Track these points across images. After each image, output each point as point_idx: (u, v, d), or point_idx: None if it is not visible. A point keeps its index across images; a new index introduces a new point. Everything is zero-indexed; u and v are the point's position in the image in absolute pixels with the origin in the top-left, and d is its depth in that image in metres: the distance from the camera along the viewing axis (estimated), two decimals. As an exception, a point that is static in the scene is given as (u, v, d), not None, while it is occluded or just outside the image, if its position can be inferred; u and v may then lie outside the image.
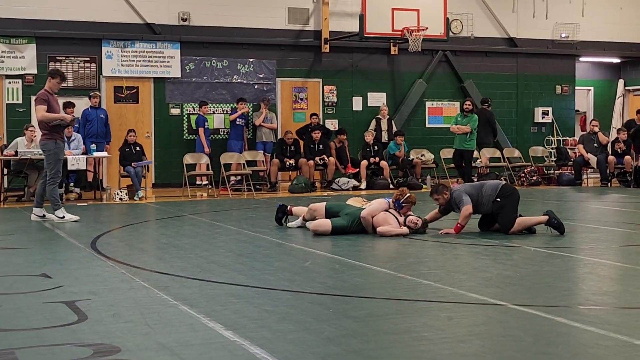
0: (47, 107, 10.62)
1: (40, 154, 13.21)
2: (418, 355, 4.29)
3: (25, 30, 16.08)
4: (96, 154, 14.77)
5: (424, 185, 16.66)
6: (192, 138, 17.09)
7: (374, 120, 18.15)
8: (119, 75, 16.82)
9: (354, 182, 16.60)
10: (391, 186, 16.46)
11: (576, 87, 21.14)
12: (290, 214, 10.07)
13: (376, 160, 17.07)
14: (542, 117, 20.37)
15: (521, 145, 19.56)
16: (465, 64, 19.65)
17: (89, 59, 16.61)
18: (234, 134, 17.01)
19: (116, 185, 15.35)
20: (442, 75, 19.54)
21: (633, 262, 7.35)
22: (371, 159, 17.04)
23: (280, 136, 17.49)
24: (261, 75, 17.96)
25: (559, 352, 4.29)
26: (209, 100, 17.31)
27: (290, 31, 18.07)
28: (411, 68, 19.13)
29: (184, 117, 17.37)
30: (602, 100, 22.55)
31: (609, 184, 17.16)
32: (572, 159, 18.27)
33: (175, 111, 17.32)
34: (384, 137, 17.86)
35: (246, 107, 17.14)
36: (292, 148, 17.03)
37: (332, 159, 16.90)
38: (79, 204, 13.44)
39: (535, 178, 17.70)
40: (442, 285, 6.15)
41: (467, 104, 16.40)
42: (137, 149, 15.21)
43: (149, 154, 16.45)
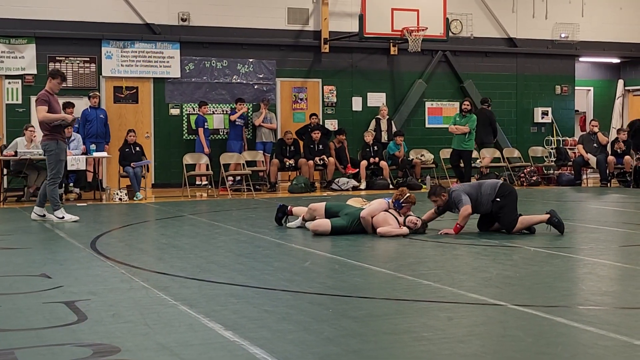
0: (48, 107, 10.62)
1: (40, 154, 13.26)
2: (418, 355, 4.29)
3: (24, 30, 16.07)
4: (96, 154, 14.76)
5: (424, 186, 16.66)
6: (192, 138, 17.09)
7: (373, 121, 18.14)
8: (118, 75, 16.82)
9: (353, 183, 16.60)
10: (391, 186, 16.46)
11: (576, 87, 21.13)
12: (290, 214, 10.07)
13: (376, 160, 17.07)
14: (542, 117, 20.37)
15: (521, 146, 19.55)
16: (464, 64, 19.65)
17: (88, 59, 16.61)
18: (233, 134, 17.01)
19: (116, 185, 15.35)
20: (441, 76, 19.54)
21: (633, 262, 7.35)
22: (371, 159, 17.04)
23: (280, 136, 17.49)
24: (261, 76, 17.95)
25: (558, 352, 4.29)
26: (208, 101, 17.31)
27: (290, 31, 18.07)
28: (411, 68, 19.13)
29: (184, 117, 17.37)
30: (601, 100, 22.55)
31: (608, 184, 17.16)
32: (572, 159, 18.27)
33: (174, 111, 17.32)
34: (384, 137, 17.86)
35: (245, 107, 17.14)
36: (291, 148, 17.02)
37: (331, 159, 16.90)
38: (78, 204, 13.44)
39: (534, 178, 17.70)
40: (442, 285, 6.16)
41: (465, 104, 16.40)
42: (137, 149, 15.20)
43: (149, 154, 16.44)
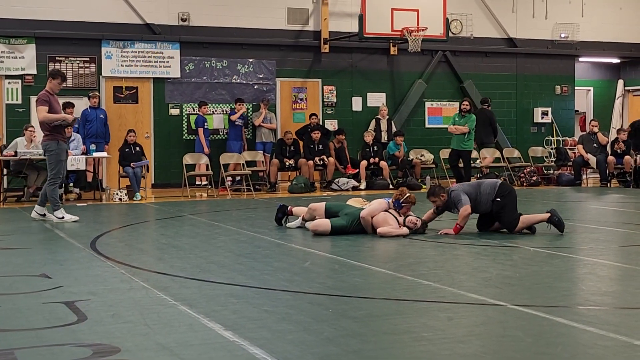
0: (48, 107, 10.62)
1: (40, 155, 13.26)
2: (417, 355, 4.29)
3: (24, 30, 16.07)
4: (96, 154, 14.76)
5: (424, 186, 16.65)
6: (192, 138, 17.09)
7: (373, 121, 18.14)
8: (118, 75, 16.81)
9: (353, 183, 16.59)
10: (391, 186, 16.46)
11: (576, 88, 21.13)
12: (290, 215, 10.07)
13: (376, 160, 17.07)
14: (542, 118, 20.37)
15: (521, 146, 19.54)
16: (464, 64, 19.65)
17: (88, 59, 16.60)
18: (233, 134, 17.00)
19: (116, 185, 15.35)
20: (441, 76, 19.53)
21: (632, 263, 7.35)
22: (371, 159, 17.04)
23: (280, 136, 17.49)
24: (261, 76, 17.95)
25: (558, 353, 4.29)
26: (208, 101, 17.31)
27: (290, 31, 18.06)
28: (411, 68, 19.13)
29: (184, 118, 17.36)
30: (601, 100, 22.55)
31: (608, 184, 17.16)
32: (572, 159, 18.27)
33: (174, 111, 17.32)
34: (384, 137, 17.86)
35: (244, 107, 17.13)
36: (291, 148, 17.02)
37: (331, 159, 16.90)
38: (78, 204, 13.44)
39: (534, 178, 17.69)
40: (442, 285, 6.15)
41: (464, 104, 16.37)
42: (137, 149, 15.21)
43: (149, 154, 16.44)
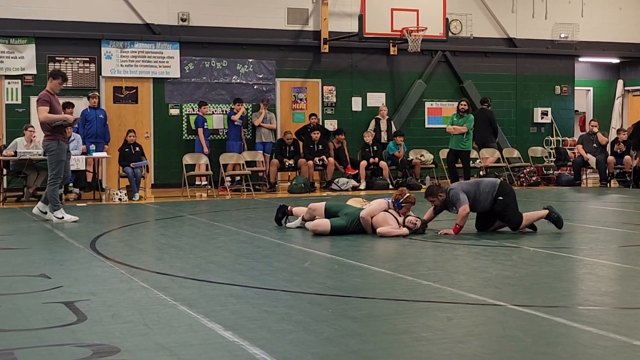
0: (49, 108, 10.61)
1: (40, 155, 13.28)
2: (417, 355, 4.29)
3: (24, 30, 16.07)
4: (95, 154, 14.76)
5: (423, 186, 16.60)
6: (192, 138, 17.08)
7: (373, 121, 18.14)
8: (118, 75, 16.81)
9: (353, 183, 16.59)
10: (390, 186, 16.46)
11: (575, 88, 21.14)
12: (290, 215, 10.06)
13: (375, 160, 17.07)
14: (542, 118, 20.37)
15: (520, 146, 19.54)
16: (464, 64, 19.65)
17: (88, 59, 16.60)
18: (232, 135, 16.99)
19: (115, 185, 15.34)
20: (441, 76, 19.54)
21: (632, 263, 7.35)
22: (370, 160, 17.04)
23: (280, 136, 17.49)
24: (260, 76, 17.95)
25: (558, 353, 4.29)
26: (208, 101, 17.31)
27: (290, 31, 18.07)
28: (410, 68, 19.13)
29: (183, 118, 17.36)
30: (601, 100, 22.55)
31: (608, 185, 17.16)
32: (572, 160, 18.27)
33: (174, 111, 17.31)
34: (383, 137, 17.86)
35: (243, 107, 17.11)
36: (291, 148, 17.02)
37: (331, 160, 16.90)
38: (78, 205, 13.43)
39: (534, 178, 17.69)
40: (441, 285, 6.15)
41: (462, 104, 16.34)
42: (137, 149, 15.21)
43: (148, 154, 16.44)
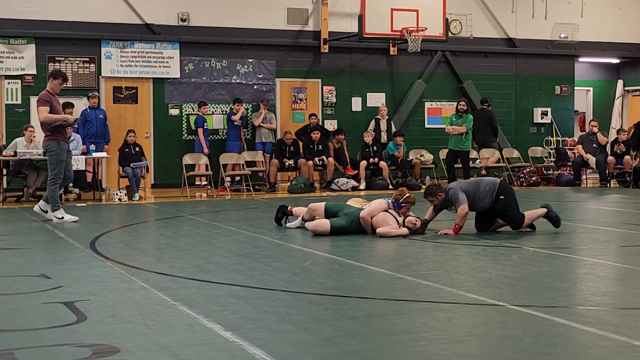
0: (49, 108, 10.61)
1: (40, 155, 13.28)
2: (417, 355, 4.29)
3: (24, 30, 16.07)
4: (95, 155, 14.76)
5: (423, 186, 16.60)
6: (191, 138, 17.08)
7: (373, 121, 18.14)
8: (118, 75, 16.81)
9: (353, 183, 16.59)
10: (390, 187, 16.46)
11: (575, 88, 21.14)
12: (290, 215, 10.06)
13: (375, 160, 17.07)
14: (541, 118, 20.37)
15: (520, 146, 19.54)
16: (464, 64, 19.65)
17: (88, 59, 16.60)
18: (232, 135, 16.99)
19: (115, 185, 15.34)
20: (441, 76, 19.54)
21: (632, 263, 7.35)
22: (370, 160, 17.05)
23: (280, 136, 17.49)
24: (260, 76, 17.95)
25: (557, 353, 4.29)
26: (208, 101, 17.30)
27: (290, 31, 18.07)
28: (410, 68, 19.13)
29: (183, 118, 17.36)
30: (601, 100, 22.55)
31: (608, 185, 17.16)
32: (571, 160, 18.27)
33: (174, 111, 17.31)
34: (383, 137, 17.86)
35: (242, 107, 17.11)
36: (291, 148, 17.02)
37: (331, 160, 16.90)
38: (78, 205, 13.43)
39: (534, 178, 17.68)
40: (441, 285, 6.15)
41: (461, 104, 16.32)
42: (137, 149, 15.21)
43: (148, 154, 16.44)
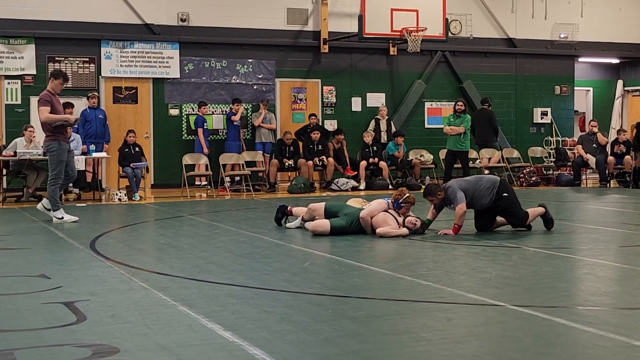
0: (50, 108, 10.61)
1: (39, 155, 13.29)
2: (417, 355, 4.29)
3: (24, 30, 16.07)
4: (95, 155, 14.76)
5: (423, 186, 16.58)
6: (191, 138, 17.08)
7: (373, 121, 18.14)
8: (118, 75, 16.81)
9: (353, 183, 16.59)
10: (390, 187, 16.46)
11: (575, 88, 21.14)
12: (290, 215, 10.06)
13: (375, 160, 17.07)
14: (541, 118, 20.37)
15: (520, 146, 19.54)
16: (464, 64, 19.65)
17: (88, 59, 16.60)
18: (231, 135, 16.99)
19: (115, 185, 15.35)
20: (441, 76, 19.54)
21: (632, 263, 7.35)
22: (370, 160, 17.05)
23: (279, 137, 17.49)
24: (260, 76, 17.95)
25: (557, 353, 4.29)
26: (208, 101, 17.30)
27: (289, 32, 18.07)
28: (410, 68, 19.13)
29: (183, 118, 17.36)
30: (601, 100, 22.55)
31: (608, 185, 17.16)
32: (571, 160, 18.27)
33: (174, 112, 17.31)
34: (383, 137, 17.86)
35: (242, 107, 17.10)
36: (291, 148, 17.02)
37: (330, 160, 16.89)
38: (78, 205, 13.43)
39: (534, 179, 17.68)
40: (441, 286, 6.15)
41: (459, 105, 16.26)
42: (136, 149, 15.21)
43: (148, 154, 16.44)
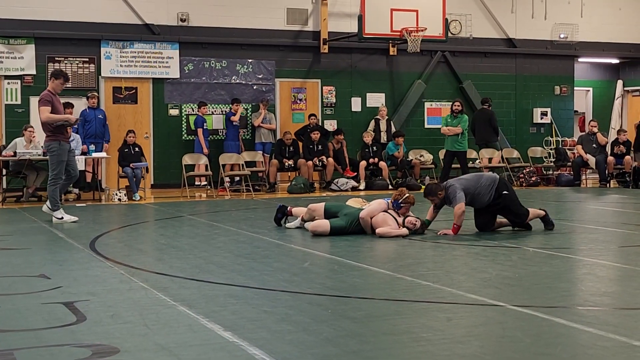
0: (50, 108, 10.61)
1: (39, 155, 13.29)
2: (417, 356, 4.29)
3: (24, 30, 16.06)
4: (95, 155, 14.76)
5: (423, 186, 16.59)
6: (191, 139, 17.08)
7: (372, 121, 18.14)
8: (117, 75, 16.81)
9: (352, 183, 16.59)
10: (390, 187, 16.46)
11: (575, 88, 21.14)
12: (290, 215, 10.06)
13: (375, 160, 17.07)
14: (541, 118, 20.37)
15: (520, 146, 19.54)
16: (464, 64, 19.65)
17: (87, 59, 16.60)
18: (230, 135, 16.99)
19: (115, 185, 15.34)
20: (441, 76, 19.53)
21: (632, 263, 7.35)
22: (370, 160, 17.05)
23: (279, 137, 17.49)
24: (260, 76, 17.95)
25: (557, 353, 4.29)
26: (207, 101, 17.30)
27: (289, 32, 18.06)
28: (410, 69, 19.13)
29: (183, 118, 17.36)
30: (601, 100, 22.55)
31: (607, 185, 17.16)
32: (571, 160, 18.27)
33: (174, 112, 17.31)
34: (383, 137, 17.86)
35: (241, 107, 17.10)
36: (290, 149, 17.02)
37: (330, 160, 16.89)
38: (77, 205, 13.43)
39: (534, 179, 17.68)
40: (441, 286, 6.15)
41: (456, 105, 16.18)
42: (136, 149, 15.21)
43: (148, 154, 16.44)
